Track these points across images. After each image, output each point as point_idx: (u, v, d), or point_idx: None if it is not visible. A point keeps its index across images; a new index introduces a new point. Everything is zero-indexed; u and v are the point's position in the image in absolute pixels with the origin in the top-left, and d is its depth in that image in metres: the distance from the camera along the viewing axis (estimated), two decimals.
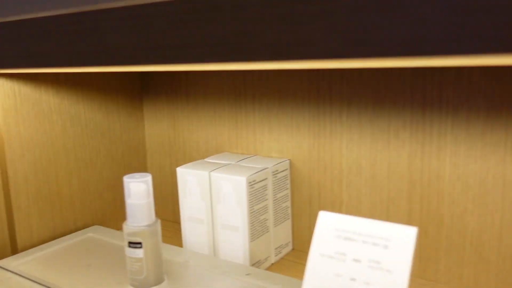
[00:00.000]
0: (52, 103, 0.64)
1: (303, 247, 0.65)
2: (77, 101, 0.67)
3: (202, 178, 0.58)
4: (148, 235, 0.48)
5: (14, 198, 0.60)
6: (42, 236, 0.64)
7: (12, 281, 0.52)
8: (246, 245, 0.56)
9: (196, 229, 0.60)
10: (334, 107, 0.59)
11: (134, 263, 0.48)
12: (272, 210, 0.60)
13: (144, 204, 0.48)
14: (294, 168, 0.64)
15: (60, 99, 0.65)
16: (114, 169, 0.74)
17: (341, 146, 0.59)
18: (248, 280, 0.51)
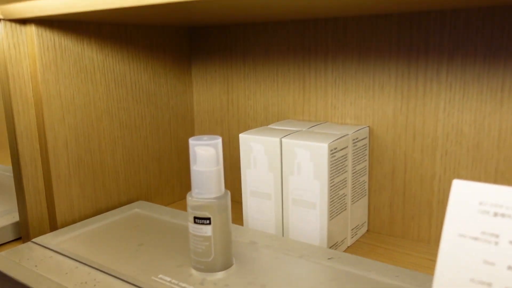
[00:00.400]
0: (96, 59, 0.56)
1: (380, 228, 0.56)
2: (122, 59, 0.59)
3: (271, 146, 0.50)
4: (217, 209, 0.40)
5: (54, 165, 0.53)
6: (83, 211, 0.57)
7: (54, 261, 0.45)
8: (323, 224, 0.48)
9: (262, 206, 0.52)
10: (430, 62, 0.49)
11: (200, 243, 0.40)
12: (350, 184, 0.51)
13: (213, 172, 0.40)
14: (374, 137, 0.55)
15: (104, 56, 0.57)
16: (160, 138, 0.66)
17: (437, 108, 0.50)
18: (332, 265, 0.42)
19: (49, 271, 0.43)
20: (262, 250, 0.46)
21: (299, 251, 0.45)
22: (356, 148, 0.52)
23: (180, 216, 0.55)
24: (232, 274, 0.41)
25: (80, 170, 0.56)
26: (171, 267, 0.43)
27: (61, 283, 0.41)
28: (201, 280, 0.40)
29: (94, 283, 0.40)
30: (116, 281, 0.41)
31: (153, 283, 0.40)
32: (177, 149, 0.69)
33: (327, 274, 0.40)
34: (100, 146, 0.58)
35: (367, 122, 0.55)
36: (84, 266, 0.44)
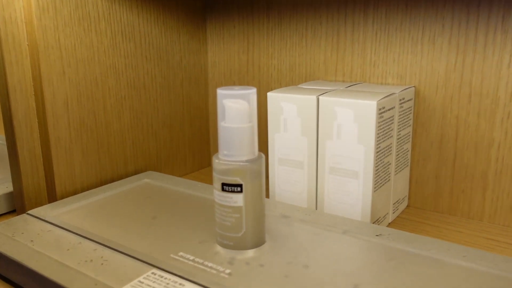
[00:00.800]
0: (101, 5, 0.48)
1: (423, 203, 0.50)
2: (131, 8, 0.51)
3: (306, 105, 0.43)
4: (250, 174, 0.33)
5: (52, 127, 0.46)
6: (86, 180, 0.50)
7: (53, 235, 0.38)
8: (367, 196, 0.41)
9: (292, 175, 0.45)
10: (495, 7, 0.42)
11: (228, 215, 0.34)
12: (395, 151, 0.45)
13: (245, 129, 0.33)
14: (420, 99, 0.48)
15: (111, 2, 0.49)
16: (171, 101, 0.59)
17: (501, 64, 0.43)
18: (384, 243, 0.35)
19: (47, 247, 0.36)
20: (297, 225, 0.39)
21: (340, 227, 0.38)
22: (402, 111, 0.45)
23: (197, 187, 0.48)
24: (266, 252, 0.34)
25: (83, 134, 0.49)
26: (192, 243, 0.36)
27: (62, 261, 0.34)
28: (230, 259, 0.33)
29: (101, 261, 0.34)
30: (127, 259, 0.34)
31: (173, 261, 0.33)
32: (190, 115, 0.62)
33: (381, 253, 0.34)
34: (105, 108, 0.50)
35: (412, 81, 0.48)
36: (88, 241, 0.37)
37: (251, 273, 0.31)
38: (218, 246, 0.35)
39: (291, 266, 0.32)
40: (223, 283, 0.30)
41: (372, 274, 0.31)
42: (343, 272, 0.31)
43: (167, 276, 0.32)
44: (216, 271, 0.32)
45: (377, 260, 0.33)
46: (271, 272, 0.31)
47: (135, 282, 0.31)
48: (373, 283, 0.30)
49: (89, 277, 0.32)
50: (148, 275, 0.32)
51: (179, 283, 0.31)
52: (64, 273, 0.32)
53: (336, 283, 0.30)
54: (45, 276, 0.32)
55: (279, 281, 0.30)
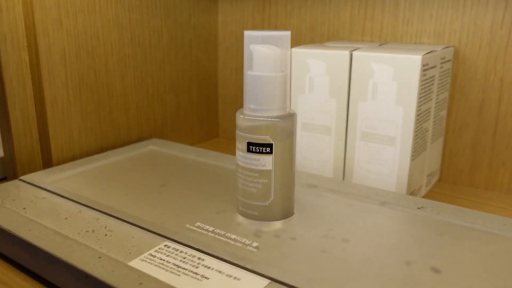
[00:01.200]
0: None
1: (457, 177, 0.45)
2: None
3: (337, 62, 0.38)
4: (281, 133, 0.28)
5: (48, 84, 0.41)
6: (85, 146, 0.45)
7: (49, 203, 0.33)
8: (404, 164, 0.36)
9: (317, 142, 0.40)
10: None
11: (255, 180, 0.29)
12: (432, 117, 0.40)
13: (277, 79, 0.28)
14: (460, 60, 0.43)
15: None
16: (178, 63, 0.53)
17: None
18: (429, 216, 0.31)
19: (41, 216, 0.31)
20: (327, 196, 0.34)
21: (376, 197, 0.34)
22: (442, 72, 0.40)
23: (209, 155, 0.44)
24: (296, 224, 0.30)
25: (82, 93, 0.44)
26: (210, 213, 0.31)
27: (59, 230, 0.29)
28: (255, 231, 0.29)
29: (104, 232, 0.29)
30: (135, 230, 0.29)
31: (189, 233, 0.28)
32: (198, 80, 0.57)
33: (429, 227, 0.29)
34: (107, 65, 0.45)
35: (451, 41, 0.43)
36: (89, 210, 0.32)
37: (282, 247, 0.27)
38: (240, 216, 0.30)
39: (327, 239, 0.28)
40: (251, 257, 0.26)
41: (424, 250, 0.27)
42: (390, 247, 0.27)
43: (182, 249, 0.27)
44: (242, 244, 0.27)
45: (426, 234, 0.29)
46: (306, 246, 0.27)
47: (146, 256, 0.26)
48: (427, 260, 0.26)
49: (91, 249, 0.27)
50: (160, 248, 0.27)
51: (197, 257, 0.26)
52: (62, 244, 0.27)
53: (384, 260, 0.25)
54: (39, 247, 0.27)
55: (316, 256, 0.26)
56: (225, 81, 0.59)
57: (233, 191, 0.35)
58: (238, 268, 0.25)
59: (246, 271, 0.25)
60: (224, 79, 0.59)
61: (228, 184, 0.36)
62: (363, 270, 0.24)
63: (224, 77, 0.59)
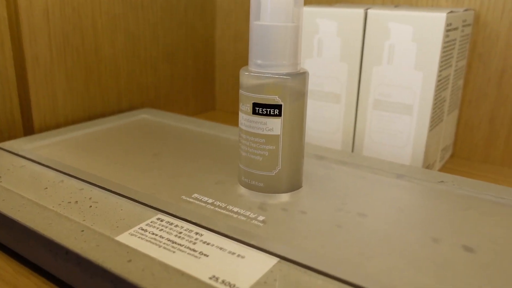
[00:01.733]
0: None
1: (471, 152, 0.42)
2: None
3: (350, 21, 0.34)
4: (291, 93, 0.25)
5: (29, 42, 0.37)
6: (71, 113, 0.41)
7: (27, 171, 0.30)
8: (421, 135, 0.33)
9: (325, 111, 0.37)
10: None
11: (260, 146, 0.25)
12: (450, 86, 0.37)
13: (289, 30, 0.24)
14: (480, 25, 0.39)
15: None
16: (173, 29, 0.49)
17: None
18: (452, 191, 0.28)
19: (18, 185, 0.28)
20: (337, 168, 0.31)
21: (391, 170, 0.30)
22: (463, 36, 0.37)
23: (205, 125, 0.40)
24: (305, 197, 0.26)
25: (67, 54, 0.40)
26: (208, 183, 0.28)
27: (37, 201, 0.26)
28: (260, 204, 0.25)
29: (89, 203, 0.26)
30: (124, 202, 0.26)
31: (186, 205, 0.25)
32: (194, 48, 0.53)
33: (452, 201, 0.26)
34: (94, 25, 0.41)
35: (471, 4, 0.39)
36: (72, 179, 0.29)
37: (292, 221, 0.24)
38: (242, 187, 0.27)
39: (342, 214, 0.24)
40: (257, 232, 0.22)
41: (451, 226, 0.23)
42: (412, 223, 0.24)
43: (178, 223, 0.24)
44: (245, 217, 0.24)
45: (451, 209, 0.25)
46: (318, 220, 0.24)
47: (136, 230, 0.23)
48: (456, 237, 0.22)
49: (73, 222, 0.24)
50: (152, 221, 0.24)
51: (195, 231, 0.23)
52: (39, 216, 0.24)
53: (408, 236, 0.22)
54: (13, 219, 0.24)
55: (330, 232, 0.23)
56: (222, 50, 0.55)
57: (232, 161, 0.31)
58: (241, 245, 0.22)
59: (251, 248, 0.21)
60: (222, 48, 0.55)
61: (227, 154, 0.33)
62: (385, 248, 0.21)
63: (221, 45, 0.55)
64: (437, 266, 0.20)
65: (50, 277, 0.24)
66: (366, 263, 0.20)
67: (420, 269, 0.20)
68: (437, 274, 0.19)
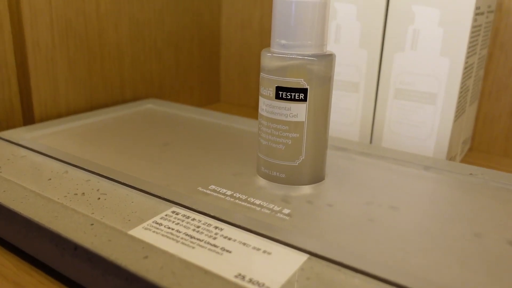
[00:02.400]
0: None
1: (490, 146, 0.41)
2: None
3: (371, 5, 0.32)
4: (318, 76, 0.23)
5: (29, 27, 0.35)
6: (73, 102, 0.39)
7: (28, 162, 0.28)
8: (446, 126, 0.32)
9: (342, 101, 0.35)
10: None
11: (283, 134, 0.24)
12: (474, 75, 0.35)
13: (316, 6, 0.22)
14: (503, 12, 0.38)
15: None
16: (179, 16, 0.47)
17: None
18: (485, 183, 0.26)
19: (20, 176, 0.26)
20: (360, 159, 0.29)
21: (417, 162, 0.29)
22: (487, 23, 0.35)
23: (214, 115, 0.38)
24: (330, 189, 0.25)
25: (69, 40, 0.38)
26: (225, 174, 0.26)
27: (40, 192, 0.24)
28: (283, 196, 0.23)
29: (97, 195, 0.24)
30: (135, 194, 0.24)
31: (203, 197, 0.23)
32: (199, 36, 0.51)
33: (489, 195, 0.25)
34: (98, 10, 0.39)
35: None
36: (78, 170, 0.27)
37: (320, 214, 0.22)
38: (261, 179, 0.25)
39: (372, 207, 0.23)
40: (283, 226, 0.21)
41: (490, 220, 0.22)
42: (450, 217, 0.22)
43: (195, 216, 0.22)
44: (269, 210, 0.22)
45: (488, 202, 0.24)
46: (347, 214, 0.22)
47: (150, 224, 0.21)
48: (499, 231, 0.21)
49: (81, 214, 0.22)
50: (167, 215, 0.22)
51: (214, 225, 0.21)
52: (44, 208, 0.22)
53: (448, 231, 0.21)
54: (16, 211, 0.22)
55: (364, 226, 0.21)
56: (229, 39, 0.53)
57: (248, 152, 0.29)
58: (267, 240, 0.20)
59: (278, 244, 0.20)
60: (228, 36, 0.53)
61: (241, 145, 0.31)
62: (427, 243, 0.20)
63: (228, 34, 0.53)
64: (485, 262, 0.18)
65: (54, 273, 0.22)
66: (408, 260, 0.18)
67: (468, 266, 0.18)
68: (486, 271, 0.18)
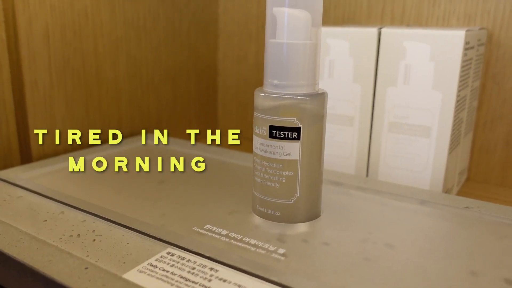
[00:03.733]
0: None
1: (487, 176, 0.41)
2: None
3: (364, 41, 0.33)
4: (310, 115, 0.23)
5: (28, 66, 0.35)
6: (70, 139, 0.39)
7: (25, 202, 0.28)
8: (441, 159, 0.32)
9: (337, 135, 0.35)
10: None
11: (278, 173, 0.24)
12: (467, 107, 0.35)
13: (307, 48, 0.23)
14: (493, 45, 0.38)
15: None
16: (176, 51, 0.48)
17: None
18: (481, 217, 0.26)
19: (15, 217, 0.26)
20: (356, 194, 0.29)
21: (413, 196, 0.29)
22: (478, 55, 0.35)
23: (211, 150, 0.39)
24: (326, 227, 0.24)
25: (67, 78, 0.38)
26: (220, 213, 0.26)
27: (36, 235, 0.24)
28: (278, 235, 0.23)
29: (92, 237, 0.24)
30: (131, 235, 0.24)
31: (198, 237, 0.23)
32: (196, 70, 0.51)
33: (485, 229, 0.24)
34: (96, 48, 0.40)
35: (484, 23, 0.38)
36: (74, 210, 0.27)
37: (315, 254, 0.22)
38: (257, 217, 0.25)
39: (368, 245, 0.23)
40: (278, 267, 0.20)
41: (487, 257, 0.22)
42: (445, 254, 0.22)
43: (190, 257, 0.22)
44: (264, 250, 0.22)
45: (485, 237, 0.24)
46: (344, 253, 0.22)
47: (145, 266, 0.21)
48: (495, 269, 0.21)
49: (76, 258, 0.21)
50: (162, 256, 0.22)
51: (209, 267, 0.21)
52: (38, 252, 0.22)
53: (443, 269, 0.21)
54: (10, 255, 0.22)
55: (360, 265, 0.21)
56: (225, 72, 0.54)
57: (243, 189, 0.30)
58: (262, 281, 0.20)
59: (273, 285, 0.19)
60: (225, 70, 0.54)
61: (237, 181, 0.31)
62: (420, 282, 0.19)
63: (224, 67, 0.54)
64: None
65: None
66: None
67: None
68: None
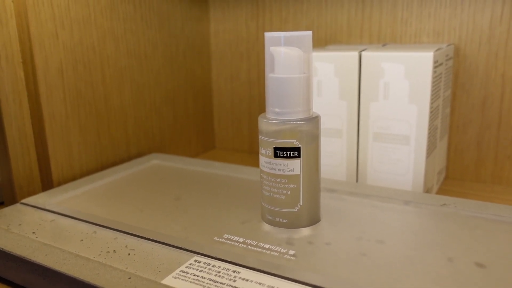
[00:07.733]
0: None
1: (463, 173, 0.45)
2: None
3: (346, 64, 0.37)
4: (307, 136, 0.27)
5: (46, 100, 0.39)
6: (85, 164, 0.43)
7: (59, 225, 0.31)
8: (420, 163, 0.36)
9: (328, 146, 0.40)
10: None
11: (283, 186, 0.28)
12: (440, 114, 0.40)
13: (302, 81, 0.27)
14: (460, 57, 0.43)
15: None
16: (174, 74, 0.52)
17: None
18: (457, 212, 0.31)
19: (54, 239, 0.30)
20: (349, 199, 0.34)
21: (398, 197, 0.33)
22: (447, 69, 0.40)
23: (216, 166, 0.43)
24: (326, 229, 0.29)
25: (80, 108, 0.42)
26: (235, 223, 0.30)
27: (78, 253, 0.27)
28: (287, 239, 0.28)
29: (127, 251, 0.28)
30: (159, 247, 0.28)
31: (219, 245, 0.27)
32: (193, 90, 0.55)
33: (460, 223, 0.29)
34: (104, 78, 0.44)
35: (451, 39, 0.43)
36: (105, 229, 0.31)
37: (320, 253, 0.26)
38: (266, 225, 0.29)
39: (363, 242, 0.27)
40: (291, 266, 0.25)
41: (462, 245, 0.26)
42: (427, 245, 0.26)
43: (214, 263, 0.26)
44: (278, 253, 0.26)
45: (459, 229, 0.28)
46: (343, 250, 0.26)
47: (178, 273, 0.25)
48: (468, 255, 0.25)
49: (118, 270, 0.25)
50: (191, 264, 0.26)
51: (232, 270, 0.25)
52: (85, 267, 0.26)
53: (425, 258, 0.25)
54: (61, 272, 0.26)
55: (357, 260, 0.25)
56: (219, 90, 0.58)
57: (250, 200, 0.34)
58: (279, 278, 0.24)
59: (288, 281, 0.24)
60: (219, 88, 0.58)
61: (243, 194, 0.35)
62: (407, 270, 0.24)
63: (218, 86, 0.58)
64: (456, 283, 0.23)
65: None
66: (395, 285, 0.22)
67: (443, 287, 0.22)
68: None
